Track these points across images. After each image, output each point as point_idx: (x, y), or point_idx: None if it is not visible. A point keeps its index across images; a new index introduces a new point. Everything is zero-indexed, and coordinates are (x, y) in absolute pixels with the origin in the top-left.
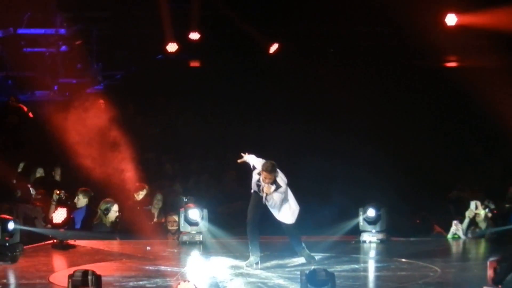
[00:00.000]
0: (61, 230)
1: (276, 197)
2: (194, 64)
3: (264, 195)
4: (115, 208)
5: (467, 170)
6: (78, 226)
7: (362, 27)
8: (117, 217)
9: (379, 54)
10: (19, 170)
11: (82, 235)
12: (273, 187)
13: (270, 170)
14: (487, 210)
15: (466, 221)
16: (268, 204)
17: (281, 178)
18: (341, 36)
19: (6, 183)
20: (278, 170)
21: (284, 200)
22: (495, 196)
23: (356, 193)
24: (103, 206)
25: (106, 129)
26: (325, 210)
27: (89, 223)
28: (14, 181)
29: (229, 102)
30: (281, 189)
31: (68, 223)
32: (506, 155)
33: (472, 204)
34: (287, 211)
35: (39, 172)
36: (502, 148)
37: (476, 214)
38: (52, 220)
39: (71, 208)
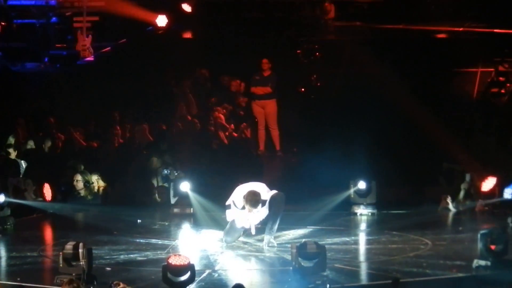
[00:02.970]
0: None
1: (263, 214)
2: (187, 35)
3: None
4: (95, 178)
5: (461, 141)
6: None
7: None
8: (104, 188)
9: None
10: (9, 142)
11: (71, 207)
12: (260, 213)
13: (254, 203)
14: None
15: (462, 193)
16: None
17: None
18: None
19: None
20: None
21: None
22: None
23: (347, 166)
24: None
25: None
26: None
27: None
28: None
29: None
30: (265, 205)
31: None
32: (500, 126)
33: (467, 176)
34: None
35: (30, 144)
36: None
37: (470, 186)
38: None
39: None
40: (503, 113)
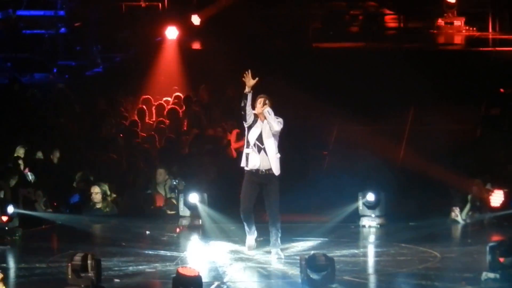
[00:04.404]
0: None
1: (277, 122)
2: (196, 46)
3: (262, 124)
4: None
5: (469, 154)
6: None
7: None
8: (112, 199)
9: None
10: (17, 154)
11: (80, 219)
12: (271, 111)
13: (266, 96)
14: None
15: (468, 205)
16: (265, 140)
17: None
18: None
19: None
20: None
21: (277, 145)
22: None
23: (356, 177)
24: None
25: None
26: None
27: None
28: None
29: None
30: (279, 119)
31: None
32: (508, 137)
33: (475, 189)
34: (277, 159)
35: (38, 155)
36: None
37: (479, 198)
38: None
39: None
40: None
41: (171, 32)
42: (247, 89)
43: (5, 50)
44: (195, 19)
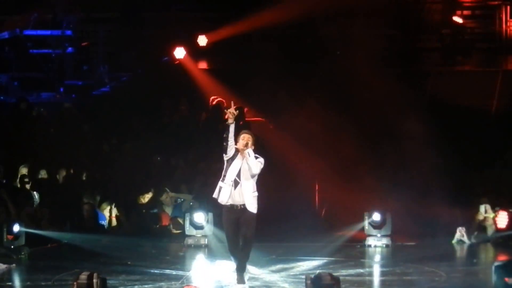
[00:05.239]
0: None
1: (255, 164)
2: (202, 66)
3: (242, 160)
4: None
5: (474, 174)
6: None
7: None
8: (117, 218)
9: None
10: (21, 173)
11: (85, 237)
12: (251, 153)
13: (250, 132)
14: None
15: (476, 225)
16: (243, 176)
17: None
18: None
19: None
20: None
21: (255, 184)
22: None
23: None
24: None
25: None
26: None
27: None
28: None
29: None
30: (260, 159)
31: None
32: None
33: (482, 207)
34: (255, 200)
35: (41, 174)
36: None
37: (485, 218)
38: None
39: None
40: None
41: (179, 52)
42: (229, 121)
43: (13, 69)
44: (202, 40)
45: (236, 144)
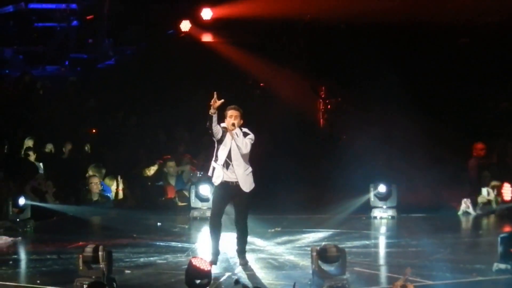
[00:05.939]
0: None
1: (244, 144)
2: (207, 39)
3: (231, 140)
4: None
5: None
6: None
7: None
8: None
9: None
10: (27, 145)
11: (90, 210)
12: (240, 132)
13: (236, 107)
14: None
15: (482, 196)
16: (233, 157)
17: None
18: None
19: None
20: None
21: (248, 161)
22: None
23: (367, 169)
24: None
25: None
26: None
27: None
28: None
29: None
30: (249, 136)
31: None
32: None
33: (484, 191)
34: (249, 176)
35: (48, 148)
36: None
37: (488, 200)
38: None
39: None
40: None
41: (185, 25)
42: (212, 111)
43: (17, 43)
44: (206, 13)
45: (225, 122)
